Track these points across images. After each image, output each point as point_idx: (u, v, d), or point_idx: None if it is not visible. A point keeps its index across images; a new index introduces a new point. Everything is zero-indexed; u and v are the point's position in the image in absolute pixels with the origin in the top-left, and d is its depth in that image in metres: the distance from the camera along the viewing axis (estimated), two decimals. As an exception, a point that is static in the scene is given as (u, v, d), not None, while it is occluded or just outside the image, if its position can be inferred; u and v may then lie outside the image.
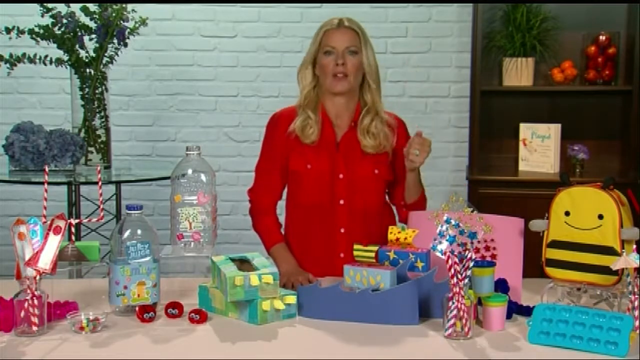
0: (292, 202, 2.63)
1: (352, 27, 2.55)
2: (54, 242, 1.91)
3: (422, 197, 2.61)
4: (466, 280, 1.85)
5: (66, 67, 3.64)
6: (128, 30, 3.64)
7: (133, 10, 3.66)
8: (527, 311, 2.00)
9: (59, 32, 3.56)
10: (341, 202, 2.54)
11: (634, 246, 1.90)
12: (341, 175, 2.54)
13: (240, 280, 1.94)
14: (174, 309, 2.02)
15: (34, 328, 1.87)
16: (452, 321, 1.85)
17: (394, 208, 2.68)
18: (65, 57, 3.62)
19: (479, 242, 2.10)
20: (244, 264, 2.10)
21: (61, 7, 3.60)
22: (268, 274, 1.98)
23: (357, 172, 2.53)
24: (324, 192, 2.54)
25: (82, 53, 3.62)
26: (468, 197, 4.00)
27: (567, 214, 2.02)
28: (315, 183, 2.54)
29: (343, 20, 2.56)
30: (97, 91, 3.63)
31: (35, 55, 3.57)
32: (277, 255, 2.56)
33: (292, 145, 2.56)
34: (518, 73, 4.16)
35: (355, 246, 2.17)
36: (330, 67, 2.50)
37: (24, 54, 3.56)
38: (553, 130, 4.08)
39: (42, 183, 2.06)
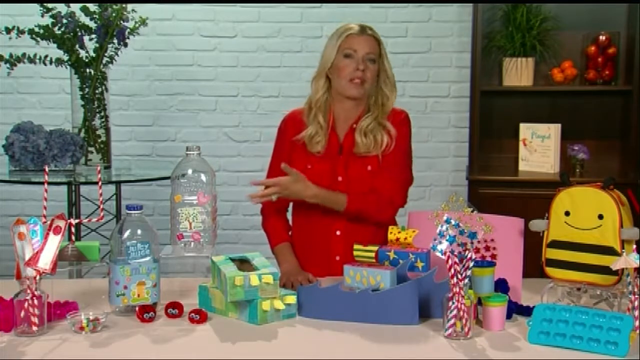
0: (294, 203, 2.64)
1: (374, 35, 2.54)
2: (54, 242, 1.91)
3: (353, 207, 2.48)
4: (466, 280, 1.85)
5: (66, 67, 3.64)
6: (128, 30, 3.64)
7: (133, 10, 3.66)
8: (527, 311, 2.00)
9: (59, 32, 3.57)
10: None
11: (634, 246, 1.90)
12: (340, 178, 2.54)
13: (240, 280, 1.94)
14: (174, 309, 2.02)
15: (34, 328, 1.87)
16: (452, 321, 1.85)
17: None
18: (65, 57, 3.62)
19: (479, 242, 2.11)
20: (244, 264, 2.10)
21: (61, 7, 3.61)
22: (268, 274, 1.98)
23: (352, 171, 2.53)
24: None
25: (82, 53, 3.63)
26: (468, 197, 4.00)
27: (567, 214, 2.02)
28: (313, 183, 2.54)
29: (365, 28, 2.54)
30: (97, 91, 3.63)
31: (35, 55, 3.57)
32: (279, 254, 2.57)
33: (298, 147, 2.56)
34: (518, 73, 4.16)
35: (355, 246, 2.17)
36: (348, 71, 2.49)
37: (24, 54, 3.57)
38: (553, 130, 4.09)
39: (42, 183, 2.06)
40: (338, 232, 2.55)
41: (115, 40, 3.62)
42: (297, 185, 2.44)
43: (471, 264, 1.85)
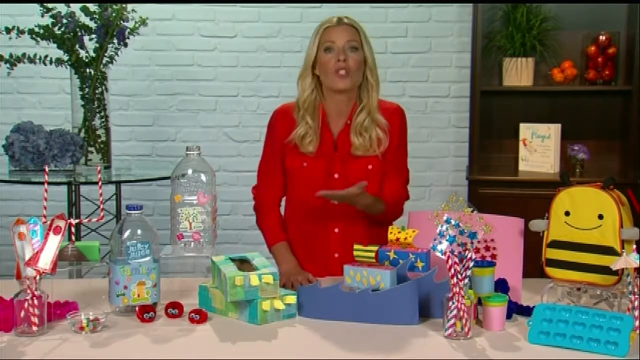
0: (289, 200, 2.64)
1: (352, 23, 2.54)
2: (54, 242, 1.91)
3: (385, 215, 2.52)
4: (466, 280, 1.85)
5: (66, 67, 3.64)
6: (128, 30, 3.64)
7: (133, 10, 3.66)
8: (527, 311, 2.00)
9: (59, 32, 3.57)
10: (335, 202, 2.53)
11: (634, 246, 1.90)
12: (336, 175, 2.53)
13: (240, 280, 1.94)
14: (174, 309, 2.02)
15: (34, 328, 1.87)
16: (452, 321, 1.85)
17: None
18: (65, 57, 3.62)
19: (479, 242, 2.11)
20: (244, 264, 2.10)
21: (61, 7, 3.61)
22: (268, 274, 1.98)
23: (351, 170, 2.52)
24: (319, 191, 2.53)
25: (82, 53, 3.63)
26: (468, 197, 4.00)
27: (567, 214, 2.02)
28: (310, 181, 2.53)
29: (342, 18, 2.54)
30: (97, 91, 3.63)
31: (35, 55, 3.57)
32: (278, 254, 2.56)
33: (291, 145, 2.56)
34: (518, 73, 4.17)
35: (355, 246, 2.17)
36: (331, 64, 2.48)
37: (24, 54, 3.57)
38: (553, 130, 4.09)
39: (42, 183, 2.06)
40: (336, 230, 2.54)
41: (115, 40, 3.62)
42: (360, 195, 2.39)
43: (471, 264, 1.85)
